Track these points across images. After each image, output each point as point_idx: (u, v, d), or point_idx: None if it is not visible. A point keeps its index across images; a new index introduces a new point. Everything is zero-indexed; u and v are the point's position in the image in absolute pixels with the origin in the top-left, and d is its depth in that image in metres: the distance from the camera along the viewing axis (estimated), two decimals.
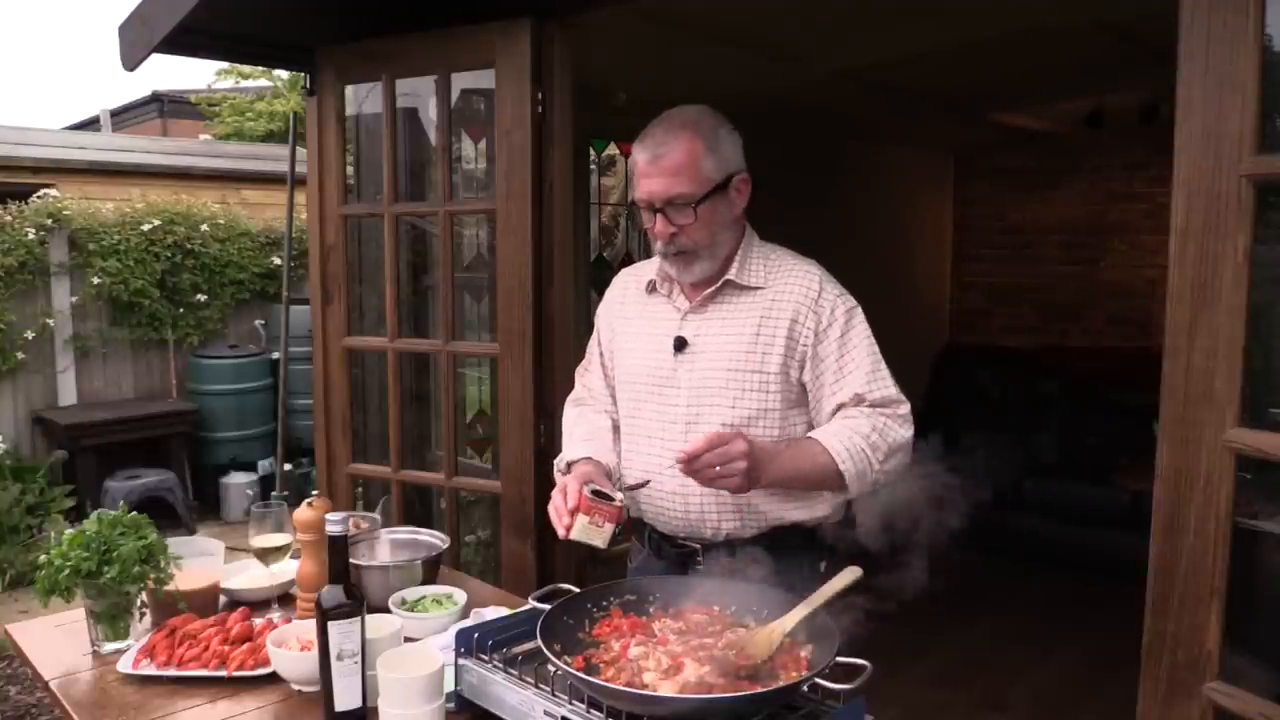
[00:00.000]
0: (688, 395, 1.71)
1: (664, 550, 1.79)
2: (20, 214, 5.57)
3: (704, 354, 1.70)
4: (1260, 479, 1.44)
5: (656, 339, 1.76)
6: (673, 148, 1.62)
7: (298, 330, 5.11)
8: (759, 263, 1.73)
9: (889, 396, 1.65)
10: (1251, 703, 1.38)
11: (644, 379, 1.77)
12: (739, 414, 1.66)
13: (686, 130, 1.64)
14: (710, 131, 1.65)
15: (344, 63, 2.94)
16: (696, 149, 1.62)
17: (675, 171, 1.62)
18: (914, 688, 3.59)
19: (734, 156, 1.68)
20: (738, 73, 3.73)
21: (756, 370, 1.66)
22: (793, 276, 1.70)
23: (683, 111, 1.68)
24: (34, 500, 5.20)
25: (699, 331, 1.72)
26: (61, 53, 53.25)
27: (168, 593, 1.77)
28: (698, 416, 1.69)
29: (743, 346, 1.67)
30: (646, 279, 1.82)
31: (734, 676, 1.28)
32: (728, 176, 1.67)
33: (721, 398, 1.68)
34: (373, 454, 3.20)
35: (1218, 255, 1.37)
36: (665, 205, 1.64)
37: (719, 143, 1.65)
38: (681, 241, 1.66)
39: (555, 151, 2.67)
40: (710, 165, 1.64)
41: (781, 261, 1.74)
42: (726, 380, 1.68)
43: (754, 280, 1.71)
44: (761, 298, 1.69)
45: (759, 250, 1.75)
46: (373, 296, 3.17)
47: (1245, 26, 1.32)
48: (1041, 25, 3.36)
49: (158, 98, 12.08)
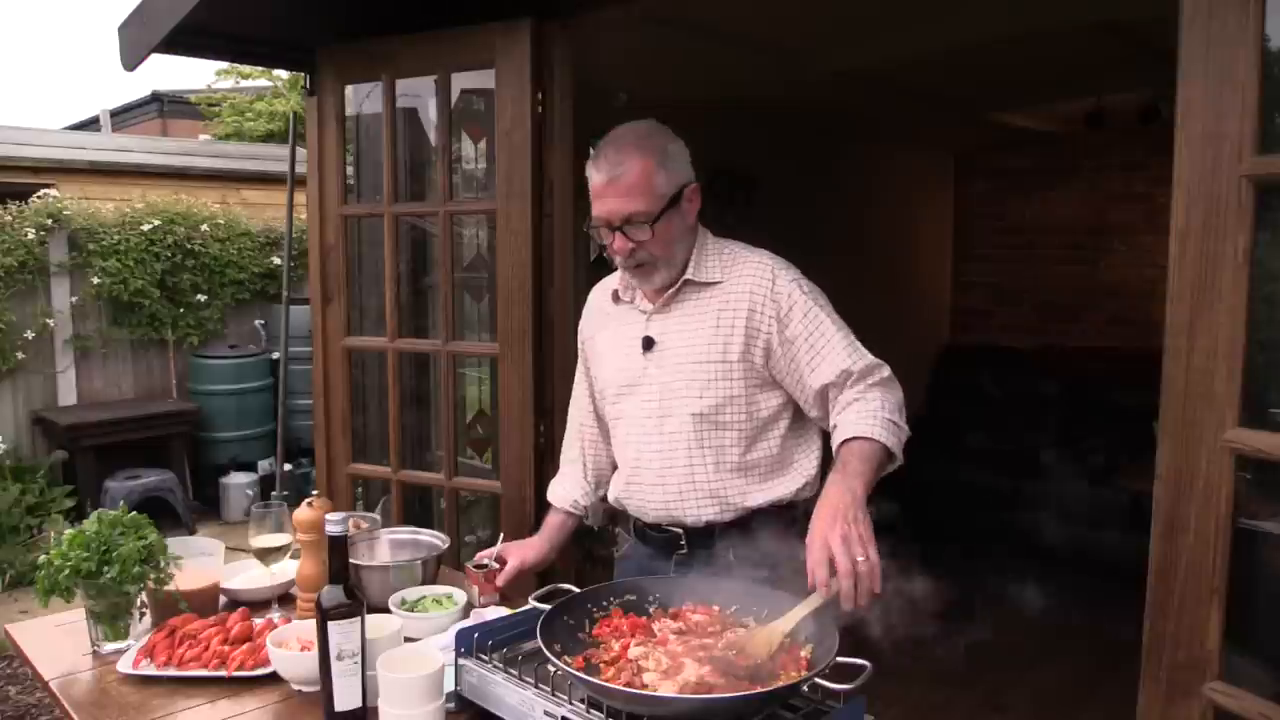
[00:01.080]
0: (659, 390, 1.79)
1: (648, 537, 1.87)
2: (20, 214, 5.57)
3: (670, 350, 1.78)
4: (1260, 479, 1.44)
5: (627, 342, 1.84)
6: (626, 168, 1.67)
7: (298, 330, 5.11)
8: (714, 259, 1.79)
9: (871, 364, 1.71)
10: (1251, 703, 1.38)
11: (620, 381, 1.86)
12: (706, 403, 1.74)
13: (638, 150, 1.69)
14: (659, 149, 1.70)
15: (344, 63, 2.94)
16: (648, 167, 1.68)
17: (629, 191, 1.67)
18: (914, 688, 3.59)
19: (683, 169, 1.74)
20: (738, 73, 3.73)
21: (719, 360, 1.74)
22: (747, 268, 1.76)
23: (632, 129, 1.74)
24: (34, 500, 5.20)
25: (664, 330, 1.80)
26: (61, 53, 53.26)
27: (168, 593, 1.77)
28: (670, 409, 1.77)
29: (704, 339, 1.75)
30: (611, 289, 1.91)
31: (734, 676, 1.28)
32: (679, 189, 1.72)
33: (689, 389, 1.75)
34: (372, 454, 3.20)
35: (1218, 255, 1.37)
36: (623, 224, 1.69)
37: (668, 158, 1.71)
38: (640, 255, 1.72)
39: (555, 151, 2.67)
40: (662, 181, 1.69)
41: (735, 255, 1.80)
42: (693, 372, 1.75)
43: (711, 276, 1.77)
44: (719, 291, 1.76)
45: (713, 247, 1.81)
46: (373, 296, 3.17)
47: (1245, 26, 1.32)
48: (1042, 26, 3.36)
49: (158, 98, 12.08)
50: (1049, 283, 6.30)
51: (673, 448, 1.77)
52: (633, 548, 1.93)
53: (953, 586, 2.85)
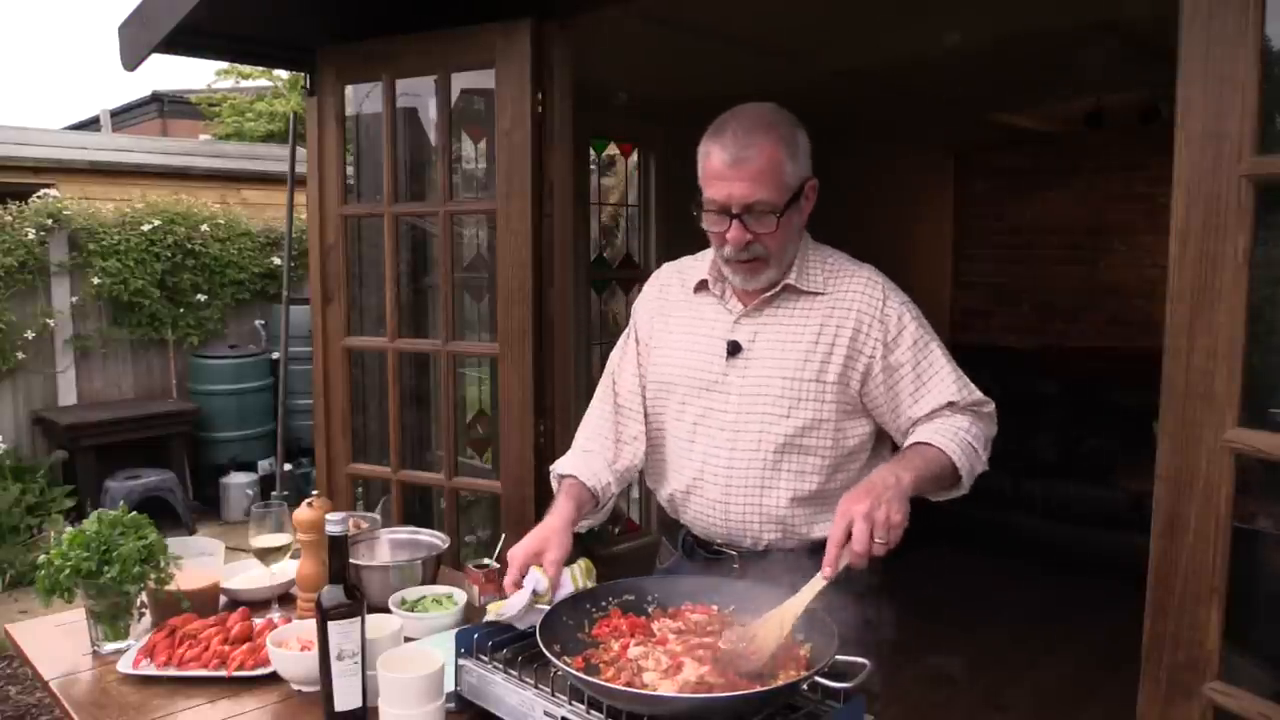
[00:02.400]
0: (737, 401, 1.64)
1: (696, 554, 1.74)
2: (20, 214, 5.57)
3: (759, 360, 1.63)
4: (1260, 479, 1.44)
5: (705, 340, 1.68)
6: (757, 151, 1.53)
7: (298, 330, 5.11)
8: (817, 267, 1.66)
9: (979, 399, 1.63)
10: (1251, 703, 1.38)
11: (688, 381, 1.70)
12: (793, 424, 1.60)
13: (771, 134, 1.55)
14: (790, 137, 1.57)
15: (344, 63, 2.94)
16: (780, 155, 1.54)
17: (758, 178, 1.53)
18: (914, 688, 3.59)
19: (807, 162, 1.61)
20: (737, 72, 3.72)
21: (814, 379, 1.60)
22: (855, 284, 1.64)
23: (760, 111, 1.59)
24: (34, 500, 5.20)
25: (754, 336, 1.64)
26: (61, 53, 53.26)
27: (168, 593, 1.77)
28: (747, 424, 1.62)
29: (799, 353, 1.61)
30: (695, 277, 1.73)
31: (735, 674, 1.28)
32: (802, 183, 1.60)
33: (776, 406, 1.61)
34: (373, 454, 3.20)
35: (1218, 255, 1.37)
36: (744, 211, 1.54)
37: (798, 148, 1.58)
38: (756, 249, 1.57)
39: (555, 151, 2.67)
40: (791, 172, 1.56)
41: (840, 266, 1.67)
42: (782, 388, 1.61)
43: (813, 285, 1.64)
44: (821, 304, 1.63)
45: (815, 254, 1.68)
46: (373, 296, 3.17)
47: (1245, 26, 1.32)
48: (1042, 25, 3.36)
49: (158, 98, 12.07)
50: (1049, 283, 6.30)
51: (745, 466, 1.63)
52: (678, 562, 1.79)
53: (953, 586, 2.86)
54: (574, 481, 1.69)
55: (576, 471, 1.70)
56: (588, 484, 1.69)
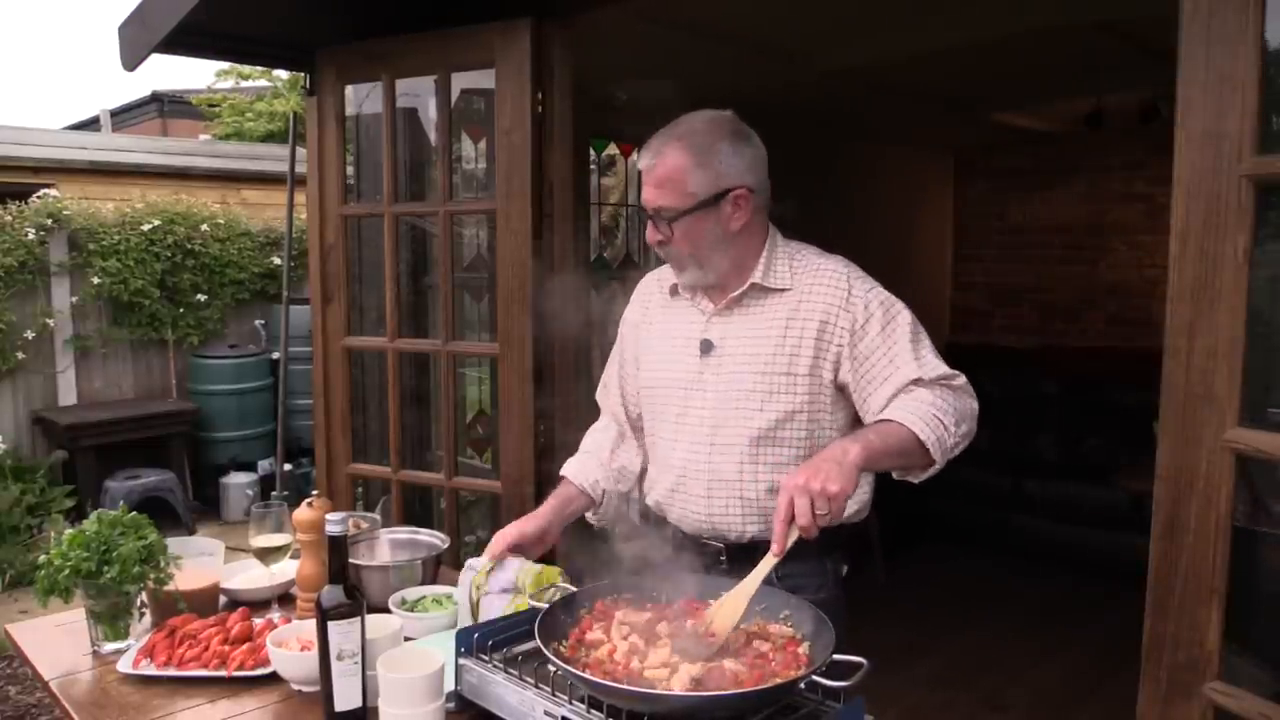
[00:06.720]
0: (714, 398, 1.68)
1: (685, 549, 1.76)
2: (20, 214, 5.57)
3: (731, 357, 1.68)
4: (1260, 479, 1.44)
5: (681, 342, 1.74)
6: (661, 160, 1.61)
7: (298, 330, 5.11)
8: (784, 263, 1.69)
9: (944, 374, 1.62)
10: (1251, 703, 1.38)
11: (669, 383, 1.75)
12: (766, 417, 1.64)
13: (680, 142, 1.61)
14: (705, 146, 1.61)
15: (344, 63, 2.94)
16: (683, 163, 1.60)
17: (660, 184, 1.62)
18: (914, 688, 3.59)
19: (732, 172, 1.62)
20: (737, 72, 3.73)
21: (785, 372, 1.64)
22: (820, 276, 1.66)
23: (688, 121, 1.65)
24: (34, 500, 5.20)
25: (724, 334, 1.69)
26: (61, 53, 53.26)
27: (168, 593, 1.77)
28: (725, 419, 1.67)
29: (769, 348, 1.65)
30: (669, 282, 1.79)
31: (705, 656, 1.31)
32: (721, 192, 1.61)
33: (750, 400, 1.65)
34: (373, 454, 3.20)
35: (1218, 255, 1.37)
36: (653, 214, 1.65)
37: (713, 157, 1.60)
38: (670, 250, 1.67)
39: (555, 151, 2.67)
40: (697, 181, 1.60)
41: (807, 260, 1.70)
42: (754, 383, 1.65)
43: (780, 282, 1.67)
44: (788, 298, 1.66)
45: (784, 250, 1.71)
46: (373, 296, 3.17)
47: (1245, 26, 1.32)
48: (1041, 25, 3.36)
49: (158, 98, 12.08)
50: (1049, 283, 6.30)
51: (724, 460, 1.68)
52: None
53: (953, 586, 2.87)
54: (565, 480, 1.88)
55: (568, 471, 1.90)
56: (575, 481, 1.86)
